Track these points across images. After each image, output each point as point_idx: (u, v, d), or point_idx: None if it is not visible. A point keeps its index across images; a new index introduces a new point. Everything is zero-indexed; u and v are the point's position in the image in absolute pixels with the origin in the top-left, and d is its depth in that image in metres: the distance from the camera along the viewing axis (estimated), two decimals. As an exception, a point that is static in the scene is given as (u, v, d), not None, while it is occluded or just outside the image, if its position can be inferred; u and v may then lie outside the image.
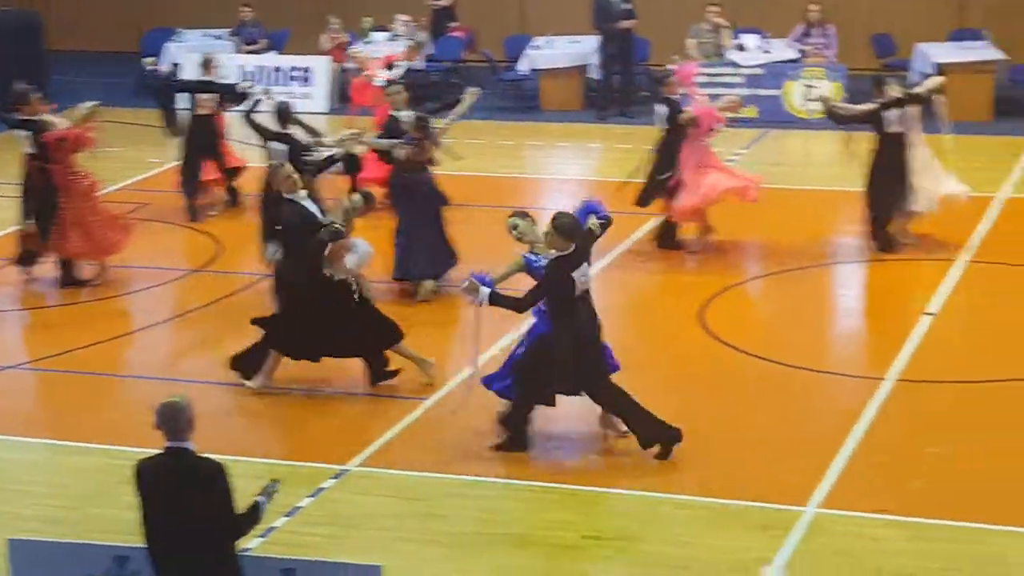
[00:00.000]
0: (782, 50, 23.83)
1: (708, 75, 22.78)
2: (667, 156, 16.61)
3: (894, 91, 16.59)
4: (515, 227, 11.97)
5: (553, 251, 11.52)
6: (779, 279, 16.23)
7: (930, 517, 10.72)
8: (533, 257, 11.84)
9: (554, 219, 11.48)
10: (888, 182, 16.51)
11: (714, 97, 17.58)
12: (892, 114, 16.45)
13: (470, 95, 16.00)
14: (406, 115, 15.97)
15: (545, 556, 10.46)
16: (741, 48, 23.81)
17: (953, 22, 25.89)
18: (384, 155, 16.00)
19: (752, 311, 15.83)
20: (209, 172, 18.94)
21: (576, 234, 11.49)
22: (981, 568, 10.07)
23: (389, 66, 19.19)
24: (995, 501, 10.90)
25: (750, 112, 22.91)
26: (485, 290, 11.46)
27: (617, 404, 11.84)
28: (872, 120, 16.64)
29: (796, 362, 13.61)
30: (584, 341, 11.66)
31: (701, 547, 10.45)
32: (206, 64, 19.08)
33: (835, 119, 17.26)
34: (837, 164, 17.34)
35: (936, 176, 16.63)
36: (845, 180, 17.86)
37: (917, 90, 17.13)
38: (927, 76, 23.28)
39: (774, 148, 22.06)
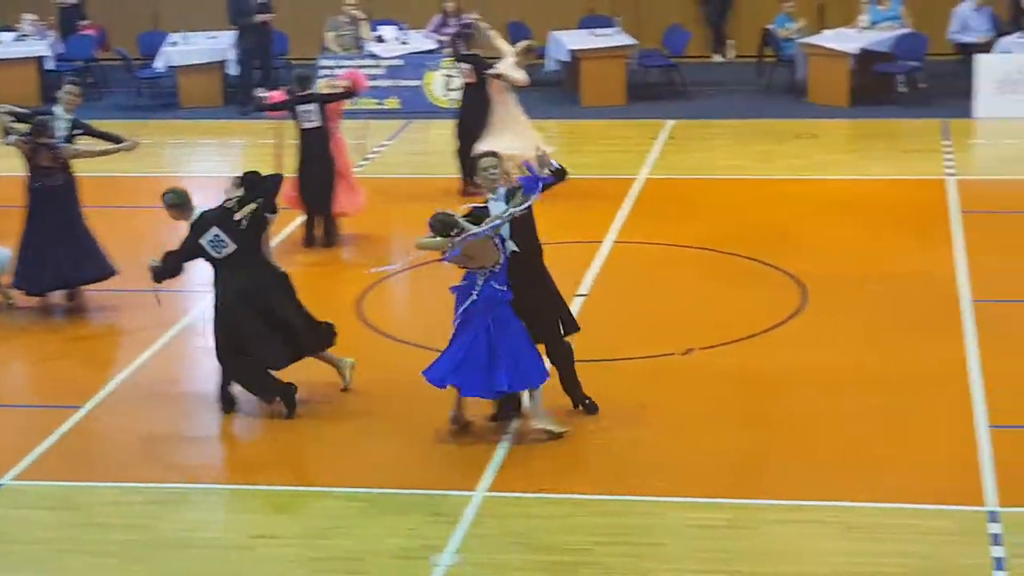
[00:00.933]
0: (420, 41, 24.00)
1: (349, 68, 22.78)
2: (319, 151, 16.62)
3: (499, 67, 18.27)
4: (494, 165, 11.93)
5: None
6: (433, 268, 16.21)
7: (592, 493, 10.94)
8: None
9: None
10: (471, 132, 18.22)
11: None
12: (464, 67, 18.74)
13: (127, 145, 15.36)
14: (67, 118, 15.24)
15: (216, 558, 10.27)
16: (380, 40, 23.89)
17: (583, 9, 26.52)
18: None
19: (408, 301, 15.89)
20: None
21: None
22: (641, 538, 10.32)
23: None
24: (651, 473, 11.20)
25: (392, 103, 23.06)
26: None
27: None
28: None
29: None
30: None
31: (372, 538, 10.42)
32: None
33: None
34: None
35: (519, 137, 18.08)
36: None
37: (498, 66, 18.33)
38: (562, 63, 24.00)
39: (417, 138, 22.19)
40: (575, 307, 14.57)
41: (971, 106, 21.96)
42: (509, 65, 18.12)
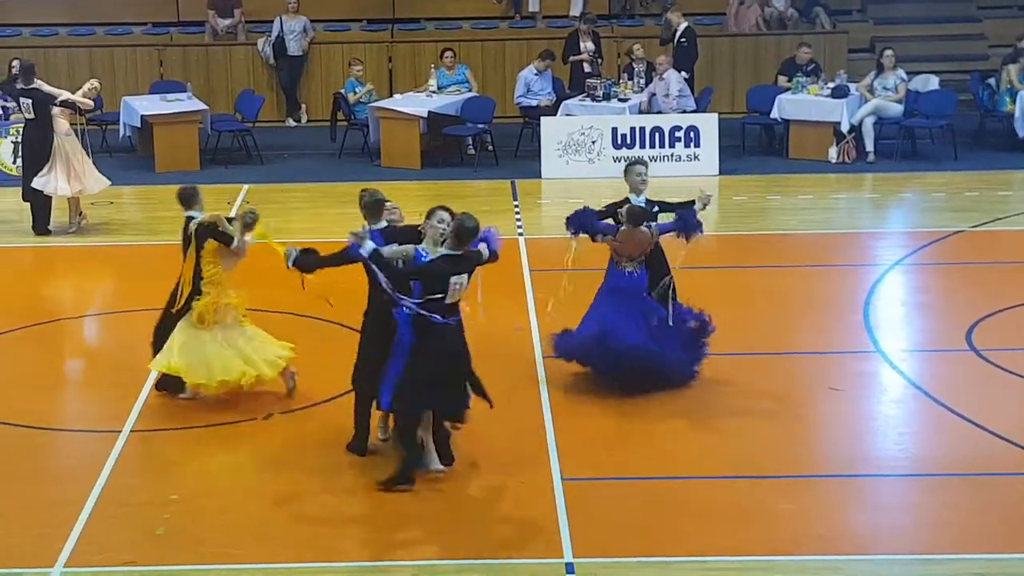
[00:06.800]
0: (-16, 107, 23.42)
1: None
2: None
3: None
4: (442, 220, 11.91)
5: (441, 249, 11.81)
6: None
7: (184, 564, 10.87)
8: (423, 252, 11.82)
9: (458, 219, 11.81)
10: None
11: None
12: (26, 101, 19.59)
13: None
14: None
15: None
16: (-58, 106, 23.23)
17: (154, 75, 26.35)
18: None
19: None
20: None
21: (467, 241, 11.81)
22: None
23: None
24: (276, 539, 11.23)
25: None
26: (370, 244, 11.50)
27: None
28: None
29: (30, 423, 13.42)
30: (454, 354, 11.97)
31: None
32: None
33: None
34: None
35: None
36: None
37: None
38: (135, 129, 23.78)
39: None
40: (152, 378, 14.44)
41: (538, 167, 22.76)
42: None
